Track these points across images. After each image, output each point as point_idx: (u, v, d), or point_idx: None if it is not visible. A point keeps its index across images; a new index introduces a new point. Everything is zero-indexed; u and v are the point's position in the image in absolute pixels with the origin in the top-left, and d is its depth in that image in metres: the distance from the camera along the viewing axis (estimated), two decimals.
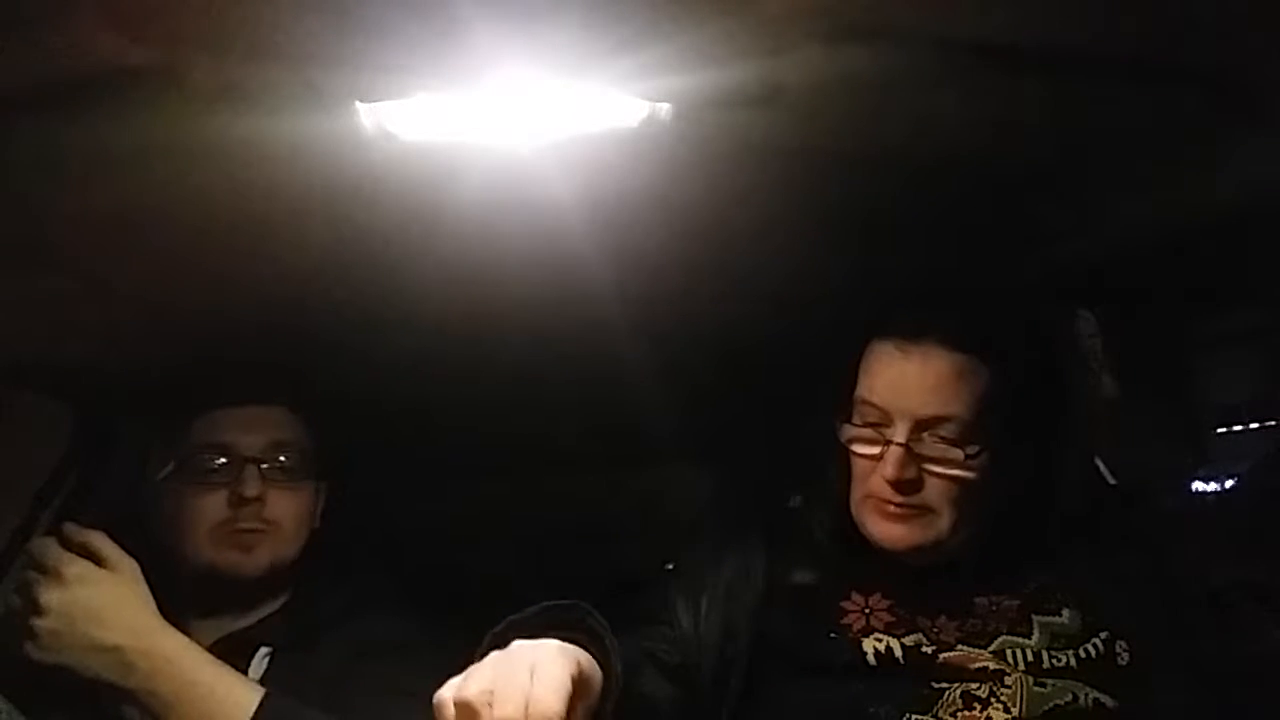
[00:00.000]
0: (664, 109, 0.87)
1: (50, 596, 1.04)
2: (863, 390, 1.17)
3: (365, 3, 0.69)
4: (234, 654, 1.21)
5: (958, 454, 1.12)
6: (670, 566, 1.30)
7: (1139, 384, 1.49)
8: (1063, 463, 1.22)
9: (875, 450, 1.15)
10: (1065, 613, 1.15)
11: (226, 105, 0.80)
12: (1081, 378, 1.40)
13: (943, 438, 1.12)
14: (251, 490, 1.24)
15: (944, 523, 1.14)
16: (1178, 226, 1.18)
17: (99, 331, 1.29)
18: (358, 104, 0.83)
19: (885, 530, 1.16)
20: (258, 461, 1.26)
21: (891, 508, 1.14)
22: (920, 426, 1.12)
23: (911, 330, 1.15)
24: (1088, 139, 1.02)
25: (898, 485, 1.12)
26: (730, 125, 0.91)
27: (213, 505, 1.24)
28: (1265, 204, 1.09)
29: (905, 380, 1.13)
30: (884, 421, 1.14)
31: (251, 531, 1.25)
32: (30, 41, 0.70)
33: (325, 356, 1.45)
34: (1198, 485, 1.86)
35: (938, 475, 1.12)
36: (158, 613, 1.08)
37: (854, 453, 1.18)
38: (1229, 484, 1.85)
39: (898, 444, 1.12)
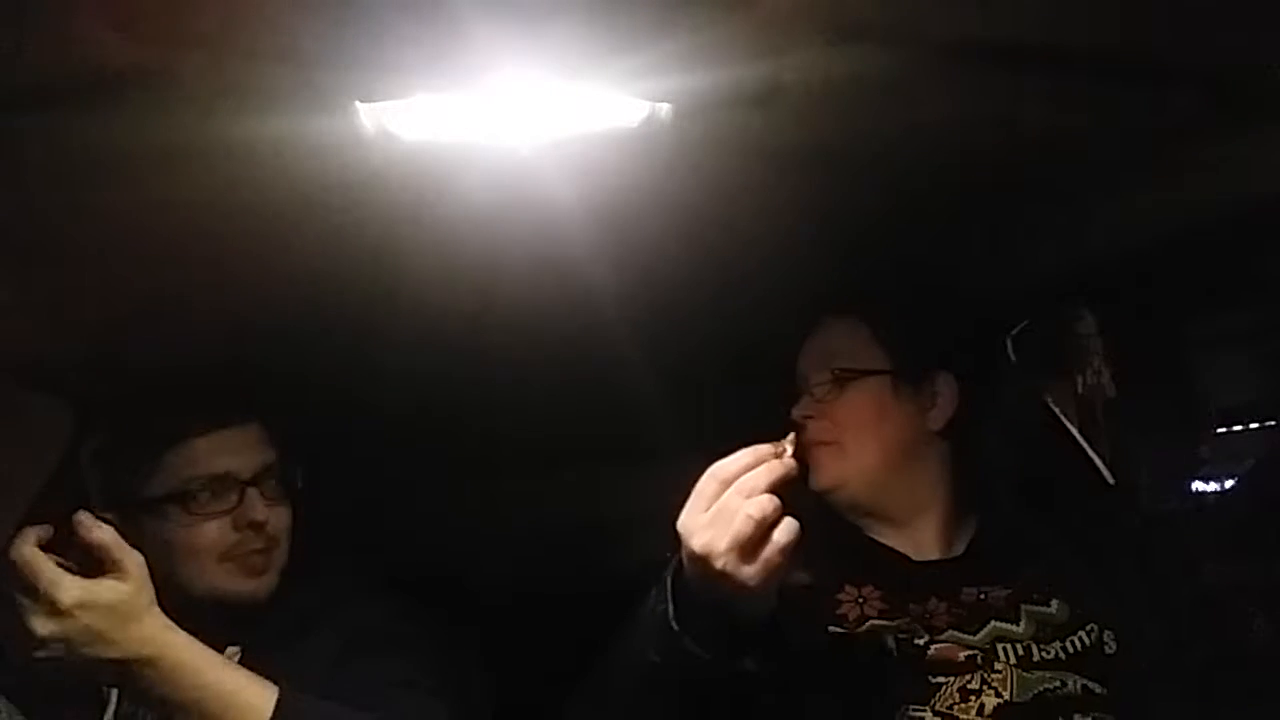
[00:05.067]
0: (664, 109, 0.87)
1: (46, 628, 0.99)
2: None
3: (365, 3, 0.69)
4: None
5: (855, 383, 1.25)
6: None
7: (1139, 384, 1.49)
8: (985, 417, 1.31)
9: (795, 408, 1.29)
10: (1054, 603, 1.17)
11: (226, 105, 0.80)
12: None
13: (836, 373, 1.26)
14: (261, 515, 1.23)
15: (851, 450, 1.23)
16: (1178, 226, 1.19)
17: (100, 331, 1.29)
18: (358, 104, 0.83)
19: (812, 474, 1.25)
20: (256, 484, 1.25)
21: (811, 448, 1.24)
22: (818, 369, 1.28)
23: (814, 321, 1.34)
24: (1087, 139, 1.03)
25: (805, 418, 1.26)
26: (730, 125, 0.91)
27: (219, 533, 1.22)
28: (1265, 203, 1.09)
29: (807, 345, 1.33)
30: (801, 384, 1.31)
31: (260, 553, 1.24)
32: (30, 41, 0.70)
33: (325, 356, 1.45)
34: (1198, 485, 1.86)
35: (837, 403, 1.25)
36: (162, 614, 1.06)
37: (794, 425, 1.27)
38: (1229, 484, 1.85)
39: (805, 391, 1.29)
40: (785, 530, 0.92)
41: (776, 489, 0.93)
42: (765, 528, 0.91)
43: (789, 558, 0.93)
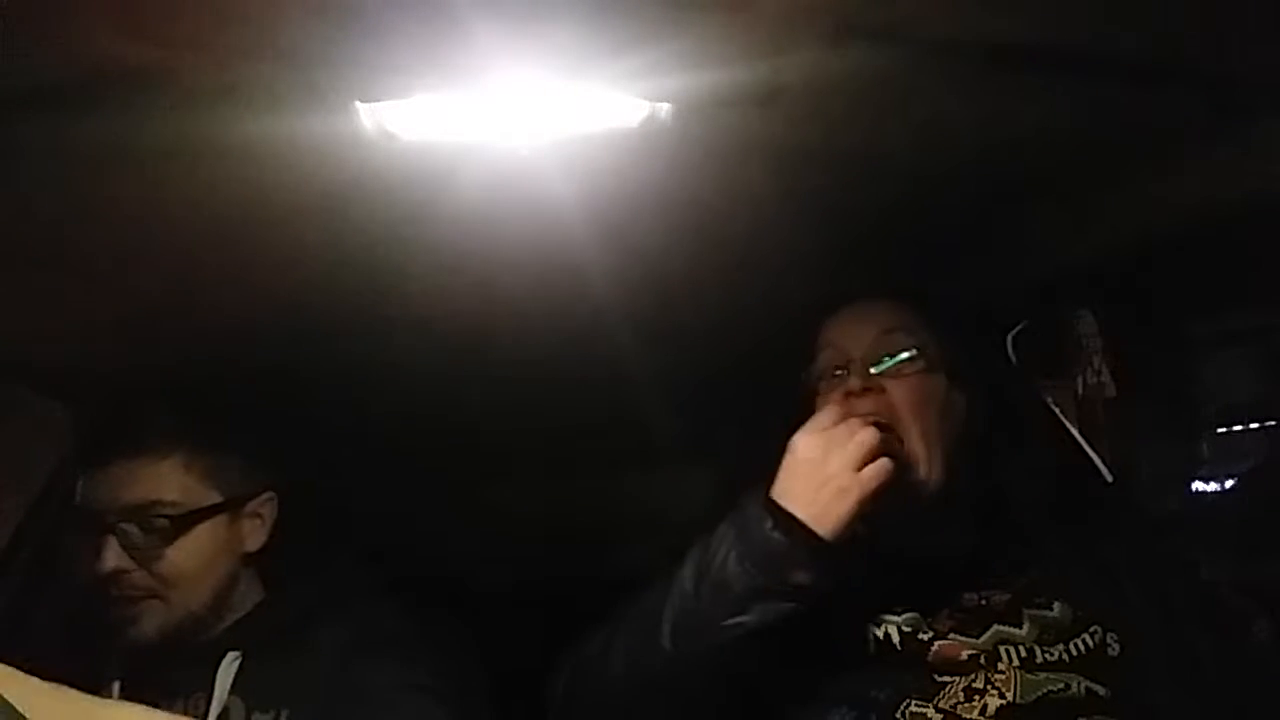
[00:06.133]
0: (664, 109, 0.87)
1: None
2: (820, 343, 1.25)
3: (365, 3, 0.69)
4: (197, 662, 1.18)
5: (911, 363, 1.19)
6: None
7: (1139, 384, 1.49)
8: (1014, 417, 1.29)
9: (839, 381, 1.21)
10: (1056, 606, 1.17)
11: (226, 105, 0.80)
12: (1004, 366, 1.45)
13: (894, 352, 1.19)
14: (108, 565, 1.13)
15: (916, 445, 1.16)
16: (1178, 226, 1.18)
17: (99, 331, 1.29)
18: (358, 104, 0.83)
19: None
20: (116, 529, 1.15)
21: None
22: (873, 344, 1.20)
23: (852, 295, 1.27)
24: (1088, 139, 1.03)
25: (864, 391, 1.18)
26: (730, 125, 0.91)
27: (89, 573, 1.15)
28: (1265, 204, 1.09)
29: (854, 317, 1.25)
30: (841, 356, 1.22)
31: (131, 599, 1.16)
32: (30, 41, 0.70)
33: (324, 355, 1.45)
34: (1198, 485, 1.86)
35: (896, 381, 1.18)
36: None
37: (821, 394, 1.22)
38: (1229, 484, 1.85)
39: (857, 359, 1.20)
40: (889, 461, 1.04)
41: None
42: (876, 442, 1.04)
43: (886, 484, 1.03)
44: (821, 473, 1.03)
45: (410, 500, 1.78)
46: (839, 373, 1.21)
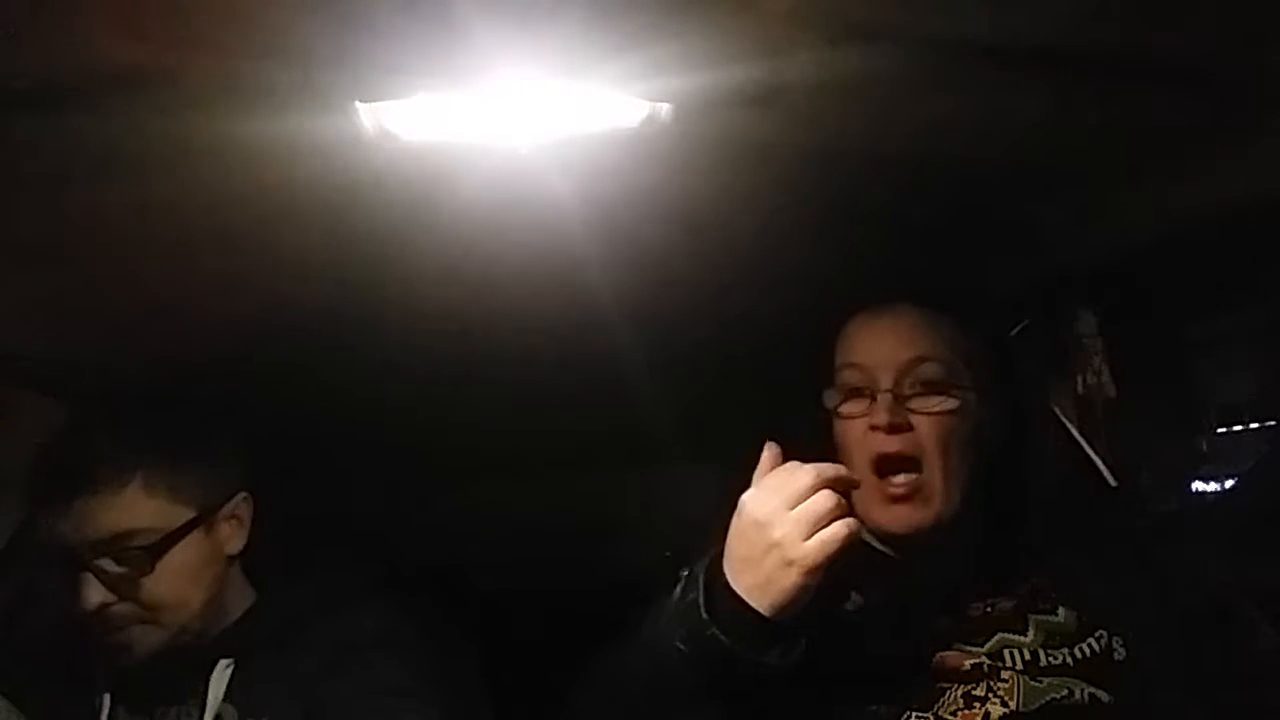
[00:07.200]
0: (664, 109, 0.87)
1: None
2: (842, 358, 1.19)
3: (365, 3, 0.69)
4: (189, 670, 1.17)
5: (941, 399, 1.14)
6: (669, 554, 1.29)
7: (1139, 384, 1.49)
8: (1033, 436, 1.27)
9: (863, 407, 1.16)
10: (1061, 611, 1.16)
11: (226, 105, 0.80)
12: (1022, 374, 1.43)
13: (924, 383, 1.14)
14: (91, 603, 1.10)
15: (937, 484, 1.12)
16: (1178, 226, 1.18)
17: (99, 331, 1.29)
18: (358, 104, 0.83)
19: (890, 515, 1.14)
20: (91, 566, 1.11)
21: (890, 488, 1.13)
22: (903, 373, 1.14)
23: (880, 298, 1.20)
24: (1087, 139, 1.03)
25: (892, 429, 1.12)
26: (730, 125, 0.91)
27: (72, 607, 1.12)
28: (1266, 204, 1.09)
29: (882, 334, 1.17)
30: (867, 380, 1.16)
31: (121, 627, 1.13)
32: (31, 41, 0.70)
33: (325, 355, 1.45)
34: (1198, 485, 1.86)
35: (925, 418, 1.13)
36: None
37: (841, 418, 1.18)
38: (1229, 484, 1.85)
39: (885, 390, 1.13)
40: (849, 521, 0.97)
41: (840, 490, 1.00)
42: (830, 511, 0.97)
43: (841, 550, 0.97)
44: (767, 540, 0.97)
45: (409, 500, 1.78)
46: (862, 397, 1.16)
